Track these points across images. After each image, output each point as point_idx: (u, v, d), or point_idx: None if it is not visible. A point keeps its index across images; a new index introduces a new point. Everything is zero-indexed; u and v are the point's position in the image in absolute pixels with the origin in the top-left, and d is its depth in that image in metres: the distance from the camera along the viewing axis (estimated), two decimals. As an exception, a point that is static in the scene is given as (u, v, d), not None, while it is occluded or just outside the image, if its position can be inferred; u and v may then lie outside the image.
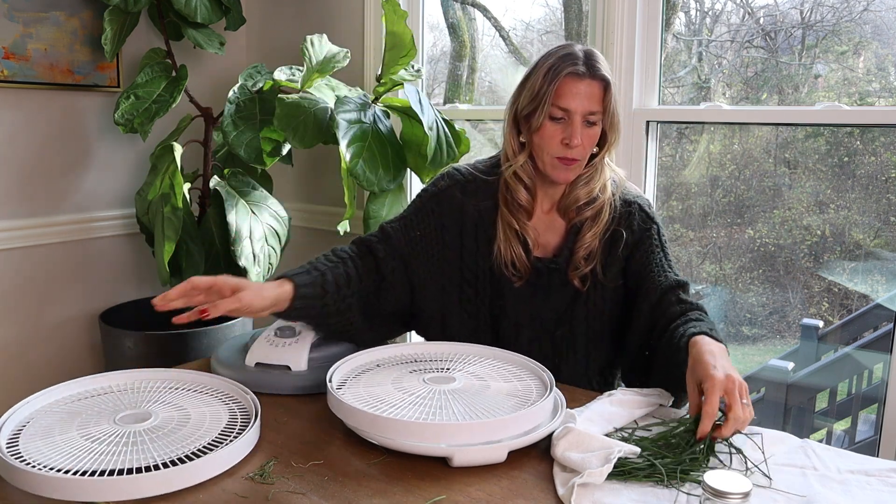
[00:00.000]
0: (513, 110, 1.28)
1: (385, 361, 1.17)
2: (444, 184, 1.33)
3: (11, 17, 1.95)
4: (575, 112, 1.20)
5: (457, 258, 1.32)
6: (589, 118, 1.21)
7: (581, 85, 1.20)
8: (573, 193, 1.28)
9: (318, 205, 2.49)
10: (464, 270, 1.31)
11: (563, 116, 1.21)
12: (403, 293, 1.31)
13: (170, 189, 1.87)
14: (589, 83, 1.20)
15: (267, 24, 2.51)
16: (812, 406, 2.43)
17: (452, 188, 1.32)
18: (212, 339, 2.03)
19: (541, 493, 0.86)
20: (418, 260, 1.31)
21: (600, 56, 1.24)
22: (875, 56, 1.79)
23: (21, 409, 0.98)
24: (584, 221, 1.28)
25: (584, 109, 1.20)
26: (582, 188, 1.28)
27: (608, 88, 1.21)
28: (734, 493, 0.68)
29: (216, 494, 0.85)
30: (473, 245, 1.31)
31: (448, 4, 2.38)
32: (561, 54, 1.22)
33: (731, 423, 0.93)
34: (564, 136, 1.21)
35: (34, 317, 2.12)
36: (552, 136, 1.22)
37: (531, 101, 1.23)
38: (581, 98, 1.20)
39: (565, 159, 1.23)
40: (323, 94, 1.90)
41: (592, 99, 1.20)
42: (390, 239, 1.30)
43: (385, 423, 0.93)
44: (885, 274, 1.97)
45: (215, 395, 1.07)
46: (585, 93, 1.20)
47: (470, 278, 1.31)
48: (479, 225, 1.31)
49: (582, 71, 1.20)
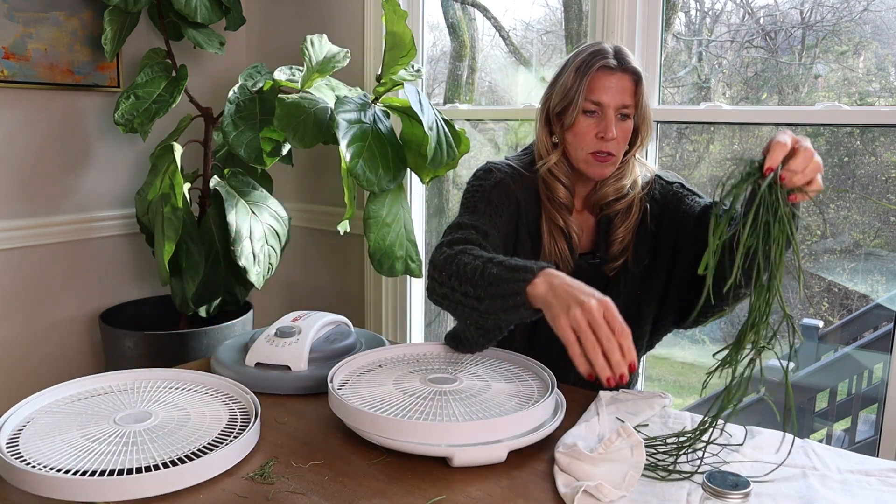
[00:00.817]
0: (545, 109, 1.28)
1: (386, 362, 1.17)
2: (499, 176, 1.28)
3: (11, 17, 1.95)
4: (608, 105, 1.21)
5: (510, 251, 1.29)
6: (622, 111, 1.22)
7: (613, 78, 1.21)
8: (602, 190, 1.28)
9: (318, 205, 2.49)
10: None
11: (596, 110, 1.22)
12: None
13: (170, 189, 1.87)
14: (620, 77, 1.21)
15: (267, 24, 2.51)
16: (812, 406, 2.43)
17: (507, 179, 1.28)
18: (212, 339, 2.03)
19: (541, 493, 0.86)
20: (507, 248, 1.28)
21: (629, 52, 1.24)
22: (875, 56, 1.79)
23: (21, 409, 0.98)
24: (615, 214, 1.28)
25: (617, 103, 1.21)
26: (611, 185, 1.28)
27: (640, 82, 1.22)
28: (734, 493, 0.68)
29: (216, 494, 0.85)
30: (526, 238, 1.29)
31: (448, 4, 2.38)
32: (591, 51, 1.23)
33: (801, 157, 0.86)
34: (599, 130, 1.21)
35: (34, 317, 2.12)
36: (586, 131, 1.22)
37: (563, 98, 1.23)
38: (613, 91, 1.20)
39: (600, 154, 1.22)
40: (323, 94, 1.90)
41: (625, 92, 1.21)
42: (488, 237, 1.21)
43: (385, 423, 0.93)
44: (885, 274, 1.97)
45: (215, 395, 1.07)
46: (617, 86, 1.21)
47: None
48: (528, 219, 1.29)
49: (613, 64, 1.21)
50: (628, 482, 0.84)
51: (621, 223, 1.27)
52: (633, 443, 0.87)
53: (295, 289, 2.65)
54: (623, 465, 0.86)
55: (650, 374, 2.35)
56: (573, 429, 1.00)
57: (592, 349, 0.88)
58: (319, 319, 1.27)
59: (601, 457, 0.88)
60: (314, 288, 2.59)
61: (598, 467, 0.88)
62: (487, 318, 1.07)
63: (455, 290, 1.07)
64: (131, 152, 2.27)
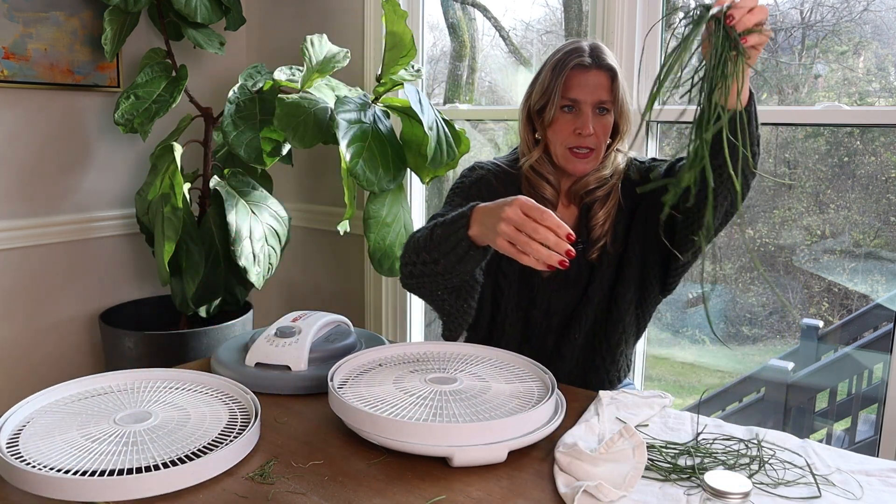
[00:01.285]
0: (526, 107, 1.33)
1: (387, 361, 1.17)
2: (481, 172, 1.36)
3: (11, 17, 1.95)
4: (584, 102, 1.25)
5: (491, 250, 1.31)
6: (600, 106, 1.26)
7: (588, 76, 1.25)
8: (584, 179, 1.31)
9: (318, 205, 2.49)
10: (500, 260, 1.32)
11: (573, 107, 1.26)
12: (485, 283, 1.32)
13: (170, 189, 1.87)
14: (596, 73, 1.25)
15: (267, 24, 2.51)
16: (812, 406, 2.43)
17: (488, 176, 1.35)
18: (212, 339, 2.03)
19: (541, 493, 0.86)
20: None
21: (607, 49, 1.28)
22: (875, 56, 1.79)
23: (21, 409, 0.98)
24: (594, 201, 1.31)
25: (593, 99, 1.24)
26: (592, 175, 1.31)
27: (615, 78, 1.25)
28: (734, 493, 0.68)
29: (216, 494, 0.85)
30: None
31: (448, 4, 2.38)
32: (567, 49, 1.27)
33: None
34: (576, 126, 1.25)
35: (34, 317, 2.12)
36: (564, 127, 1.26)
37: (542, 96, 1.28)
38: (589, 88, 1.24)
39: (579, 150, 1.26)
40: (323, 94, 1.90)
41: (600, 88, 1.25)
42: None
43: (385, 423, 0.93)
44: (885, 274, 1.97)
45: (215, 395, 1.07)
46: (593, 83, 1.24)
47: (506, 268, 1.33)
48: None
49: (588, 62, 1.25)
50: (629, 482, 0.84)
51: (601, 208, 1.30)
52: (636, 443, 0.87)
53: (295, 289, 2.65)
54: (624, 466, 0.86)
55: (650, 374, 2.35)
56: (573, 429, 1.00)
57: (528, 245, 0.95)
58: (319, 319, 1.27)
59: (602, 457, 0.88)
60: (314, 288, 2.59)
61: (599, 467, 0.88)
62: (450, 277, 1.12)
63: (416, 263, 1.14)
64: (131, 152, 2.27)
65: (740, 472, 0.89)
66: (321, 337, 1.26)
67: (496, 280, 1.34)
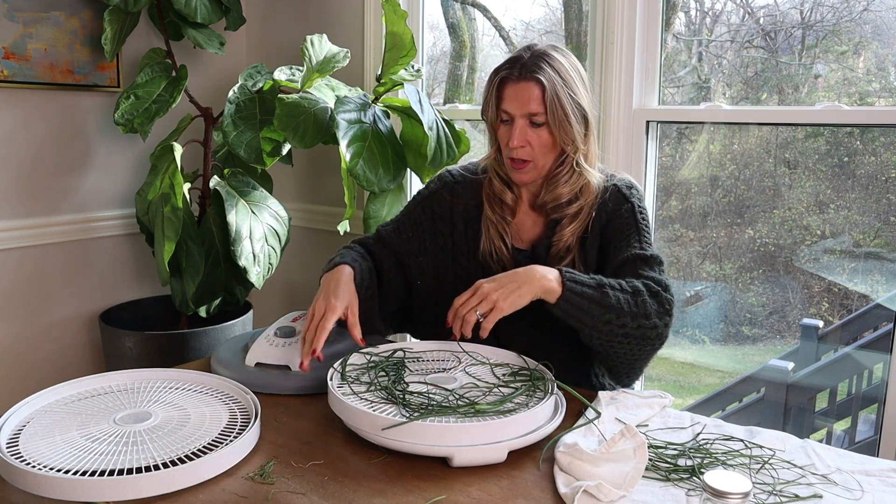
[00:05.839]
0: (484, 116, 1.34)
1: (386, 361, 1.17)
2: (434, 187, 1.41)
3: (11, 17, 1.95)
4: (515, 114, 1.24)
5: (449, 257, 1.37)
6: (533, 119, 1.24)
7: (517, 88, 1.23)
8: (553, 192, 1.30)
9: (318, 205, 2.49)
10: (457, 268, 1.36)
11: (508, 119, 1.26)
12: (401, 291, 1.38)
13: (170, 189, 1.87)
14: (524, 85, 1.23)
15: (267, 24, 2.51)
16: (812, 406, 2.43)
17: (441, 191, 1.39)
18: (212, 339, 2.03)
19: (541, 493, 0.86)
20: (411, 258, 1.37)
21: (550, 56, 1.24)
22: (875, 56, 1.79)
23: (21, 409, 0.98)
24: (563, 217, 1.30)
25: (523, 111, 1.23)
26: (562, 187, 1.29)
27: (545, 88, 1.22)
28: (734, 493, 0.68)
29: (216, 494, 0.85)
30: (464, 243, 1.36)
31: (448, 4, 2.38)
32: (506, 59, 1.27)
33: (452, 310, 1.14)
34: (509, 138, 1.25)
35: (34, 317, 2.12)
36: (502, 137, 1.28)
37: (485, 108, 1.30)
38: (518, 100, 1.23)
39: (513, 161, 1.27)
40: (323, 94, 1.90)
41: (530, 100, 1.22)
42: (383, 240, 1.39)
43: (385, 423, 0.93)
44: (885, 274, 1.97)
45: (215, 395, 1.07)
46: (522, 95, 1.23)
47: (463, 275, 1.35)
48: (469, 223, 1.36)
49: (515, 75, 1.23)
50: (629, 482, 0.84)
51: (568, 224, 1.29)
52: (637, 443, 0.87)
53: (295, 289, 2.65)
54: (624, 466, 0.86)
55: (650, 374, 2.35)
56: (573, 429, 1.00)
57: (308, 333, 1.18)
58: (319, 319, 1.27)
59: (602, 456, 0.88)
60: (314, 288, 2.58)
61: (599, 467, 0.88)
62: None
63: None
64: (131, 152, 2.27)
65: (740, 472, 0.89)
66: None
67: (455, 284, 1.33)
